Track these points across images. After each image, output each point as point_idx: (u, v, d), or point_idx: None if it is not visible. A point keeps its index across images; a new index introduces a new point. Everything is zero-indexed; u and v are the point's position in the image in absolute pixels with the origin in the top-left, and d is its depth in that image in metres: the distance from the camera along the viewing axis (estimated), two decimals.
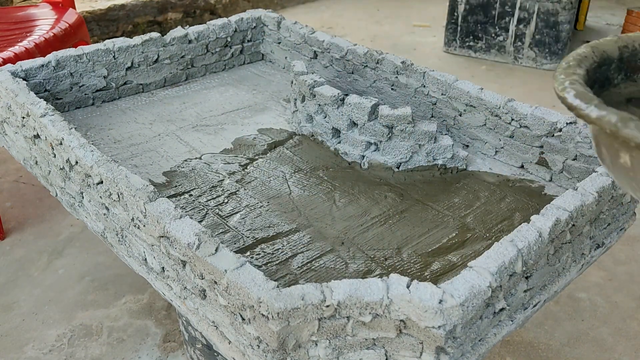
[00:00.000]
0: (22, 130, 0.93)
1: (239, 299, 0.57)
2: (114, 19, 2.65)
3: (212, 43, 1.23)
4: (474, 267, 0.57)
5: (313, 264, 0.73)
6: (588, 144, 0.84)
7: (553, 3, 2.48)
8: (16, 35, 1.51)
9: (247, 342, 0.58)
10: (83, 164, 0.77)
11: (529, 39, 2.59)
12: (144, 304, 1.28)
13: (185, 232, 0.62)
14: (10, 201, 1.62)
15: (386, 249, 0.76)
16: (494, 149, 0.95)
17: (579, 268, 0.74)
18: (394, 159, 0.92)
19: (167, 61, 1.18)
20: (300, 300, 0.53)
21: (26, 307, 1.27)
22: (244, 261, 0.58)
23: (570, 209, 0.66)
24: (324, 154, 0.97)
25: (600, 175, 0.73)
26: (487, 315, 0.60)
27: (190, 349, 1.02)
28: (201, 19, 2.99)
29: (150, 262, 0.72)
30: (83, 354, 1.16)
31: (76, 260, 1.41)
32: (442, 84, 0.99)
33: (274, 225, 0.80)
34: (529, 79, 2.52)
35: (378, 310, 0.55)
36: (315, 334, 0.56)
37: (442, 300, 0.53)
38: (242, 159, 0.96)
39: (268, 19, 1.28)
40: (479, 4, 2.63)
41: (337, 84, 1.17)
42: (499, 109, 0.92)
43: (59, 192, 0.90)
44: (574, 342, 1.22)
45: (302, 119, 1.01)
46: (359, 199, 0.86)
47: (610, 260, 1.45)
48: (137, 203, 0.68)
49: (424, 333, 0.54)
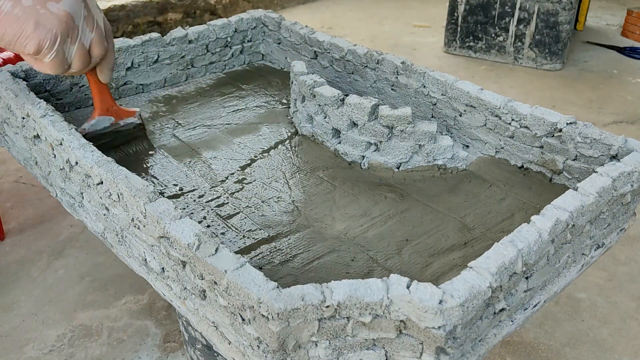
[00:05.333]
0: (22, 131, 0.93)
1: (239, 300, 0.57)
2: (114, 19, 2.65)
3: (212, 43, 1.23)
4: (474, 268, 0.57)
5: (313, 264, 0.73)
6: (588, 144, 0.84)
7: (553, 3, 2.48)
8: None
9: (247, 343, 0.58)
10: (83, 165, 0.77)
11: (529, 39, 2.59)
12: (144, 304, 1.28)
13: (185, 233, 0.62)
14: (10, 201, 1.62)
15: (386, 249, 0.76)
16: (494, 149, 0.95)
17: (579, 268, 0.74)
18: (394, 159, 0.92)
19: (167, 61, 1.18)
20: (300, 300, 0.53)
21: (26, 308, 1.27)
22: (244, 262, 0.58)
23: (570, 209, 0.66)
24: (324, 154, 0.97)
25: (600, 175, 0.73)
26: (487, 315, 0.60)
27: (190, 350, 1.02)
28: (201, 19, 2.99)
29: (150, 262, 0.72)
30: (83, 355, 1.16)
31: (76, 260, 1.41)
32: (442, 84, 0.99)
33: (274, 225, 0.80)
34: (529, 79, 2.52)
35: (378, 310, 0.55)
36: (315, 335, 0.56)
37: (442, 301, 0.53)
38: (242, 159, 0.96)
39: (268, 19, 1.28)
40: (479, 4, 2.63)
41: (337, 84, 1.17)
42: (499, 109, 0.92)
43: (59, 192, 0.90)
44: (574, 342, 1.22)
45: (302, 120, 1.01)
46: (359, 199, 0.86)
47: (610, 260, 1.45)
48: (137, 203, 0.68)
49: (424, 333, 0.54)
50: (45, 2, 0.70)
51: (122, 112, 0.94)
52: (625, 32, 3.02)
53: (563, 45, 2.55)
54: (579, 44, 2.90)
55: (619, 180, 0.73)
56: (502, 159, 0.94)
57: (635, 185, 0.76)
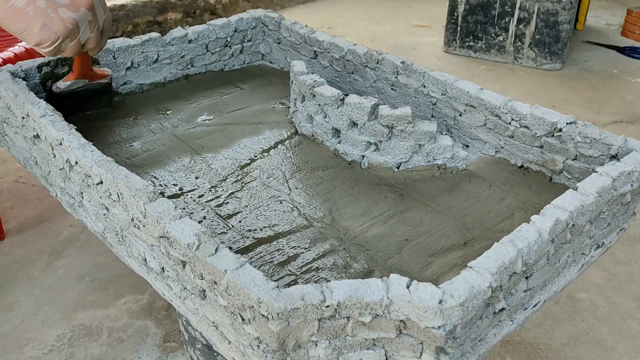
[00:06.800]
0: (21, 131, 0.93)
1: (238, 299, 0.57)
2: (114, 19, 2.65)
3: (212, 43, 1.23)
4: (474, 267, 0.57)
5: (313, 264, 0.73)
6: (588, 144, 0.84)
7: (553, 3, 2.48)
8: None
9: (247, 343, 0.58)
10: (83, 164, 0.77)
11: (529, 39, 2.59)
12: (143, 304, 1.28)
13: (185, 233, 0.62)
14: (10, 201, 1.62)
15: (386, 249, 0.76)
16: (494, 149, 0.95)
17: (579, 268, 0.74)
18: (394, 159, 0.92)
19: (167, 61, 1.18)
20: (300, 300, 0.53)
21: (26, 308, 1.27)
22: (244, 261, 0.58)
23: (570, 209, 0.66)
24: (324, 154, 0.97)
25: (600, 175, 0.73)
26: (487, 315, 0.60)
27: (190, 349, 1.02)
28: (201, 19, 2.99)
29: (150, 262, 0.72)
30: (83, 354, 1.16)
31: (76, 260, 1.41)
32: (442, 84, 0.99)
33: (274, 225, 0.80)
34: (529, 79, 2.52)
35: (378, 310, 0.55)
36: (315, 334, 0.56)
37: (442, 301, 0.53)
38: (242, 159, 0.96)
39: (268, 19, 1.28)
40: (479, 4, 2.63)
41: (337, 84, 1.17)
42: (498, 109, 0.92)
43: (58, 192, 0.90)
44: (574, 342, 1.22)
45: (302, 119, 1.01)
46: (358, 199, 0.86)
47: (610, 260, 1.45)
48: (137, 203, 0.68)
49: (424, 333, 0.54)
50: (57, 7, 0.77)
51: (96, 76, 1.02)
52: (625, 32, 3.02)
53: (563, 45, 2.55)
54: (579, 43, 2.91)
55: (618, 180, 0.73)
56: (502, 159, 0.94)
57: (635, 185, 0.76)
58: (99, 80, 1.03)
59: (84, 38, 0.82)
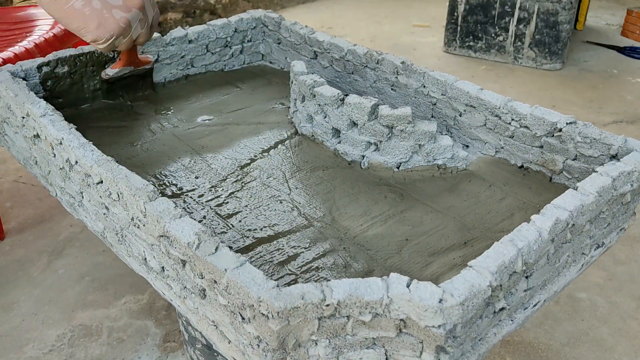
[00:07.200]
0: (21, 130, 0.93)
1: (238, 298, 0.57)
2: None
3: (212, 43, 1.23)
4: (474, 267, 0.57)
5: (313, 263, 0.73)
6: (588, 144, 0.84)
7: (553, 3, 2.48)
8: (16, 35, 1.51)
9: (247, 342, 0.58)
10: (83, 164, 0.77)
11: (529, 39, 2.59)
12: (143, 304, 1.28)
13: (185, 232, 0.62)
14: (10, 201, 1.62)
15: (386, 249, 0.76)
16: (494, 149, 0.95)
17: (579, 268, 0.74)
18: (394, 159, 0.92)
19: (167, 61, 1.18)
20: (300, 299, 0.53)
21: (26, 307, 1.27)
22: (244, 260, 0.58)
23: (570, 208, 0.66)
24: (324, 154, 0.97)
25: (600, 174, 0.73)
26: (487, 314, 0.60)
27: (190, 349, 1.02)
28: (201, 19, 2.99)
29: (150, 261, 0.72)
30: (83, 354, 1.16)
31: (76, 260, 1.41)
32: (442, 84, 0.99)
33: (274, 225, 0.80)
34: (529, 79, 2.52)
35: (378, 309, 0.55)
36: (315, 333, 0.56)
37: (442, 300, 0.53)
38: (242, 159, 0.96)
39: (268, 19, 1.28)
40: (479, 4, 2.63)
41: (337, 84, 1.17)
42: (498, 109, 0.92)
43: (58, 192, 0.90)
44: (574, 342, 1.22)
45: (302, 119, 1.01)
46: (358, 199, 0.86)
47: (610, 260, 1.45)
48: (137, 202, 0.68)
49: (424, 332, 0.54)
50: (112, 9, 0.86)
51: (140, 62, 1.09)
52: (625, 31, 3.02)
53: (563, 45, 2.55)
54: (579, 43, 2.91)
55: (618, 179, 0.73)
56: (502, 159, 0.94)
57: (635, 184, 0.76)
58: (143, 67, 1.09)
59: (136, 34, 0.90)
